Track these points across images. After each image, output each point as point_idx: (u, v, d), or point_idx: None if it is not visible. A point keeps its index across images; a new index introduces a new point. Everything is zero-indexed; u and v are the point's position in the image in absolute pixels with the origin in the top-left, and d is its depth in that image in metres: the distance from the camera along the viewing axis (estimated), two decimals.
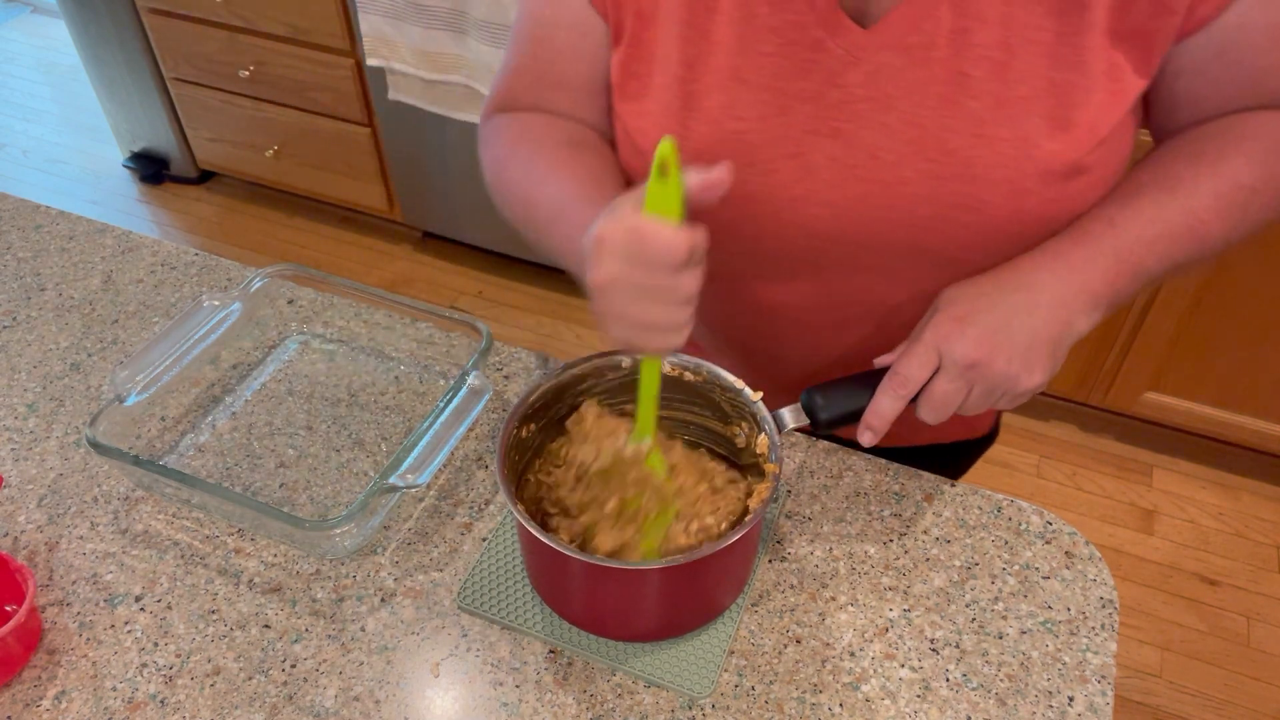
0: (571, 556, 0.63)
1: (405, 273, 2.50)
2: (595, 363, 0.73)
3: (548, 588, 0.71)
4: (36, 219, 1.09)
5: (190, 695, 0.67)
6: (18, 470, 0.81)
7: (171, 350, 0.82)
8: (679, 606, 0.69)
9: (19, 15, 3.68)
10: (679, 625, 0.70)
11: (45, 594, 0.72)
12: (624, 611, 0.69)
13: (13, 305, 0.97)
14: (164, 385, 0.82)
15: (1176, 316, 1.79)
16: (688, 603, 0.69)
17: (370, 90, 2.22)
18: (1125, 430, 2.08)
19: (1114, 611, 0.72)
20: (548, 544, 0.62)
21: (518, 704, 0.67)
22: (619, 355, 0.73)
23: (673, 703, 0.67)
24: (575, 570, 0.67)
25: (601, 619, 0.70)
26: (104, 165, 2.90)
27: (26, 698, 0.67)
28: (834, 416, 0.68)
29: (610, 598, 0.69)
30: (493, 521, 0.78)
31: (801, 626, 0.71)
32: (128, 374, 0.79)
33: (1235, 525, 1.92)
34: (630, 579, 0.67)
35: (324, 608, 0.72)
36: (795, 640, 0.70)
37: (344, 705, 0.66)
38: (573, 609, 0.70)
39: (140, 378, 0.80)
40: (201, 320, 0.85)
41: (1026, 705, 0.67)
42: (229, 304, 0.87)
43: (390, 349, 0.93)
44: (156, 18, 2.35)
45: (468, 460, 0.83)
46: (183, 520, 0.78)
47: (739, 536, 0.63)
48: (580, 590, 0.70)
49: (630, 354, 0.72)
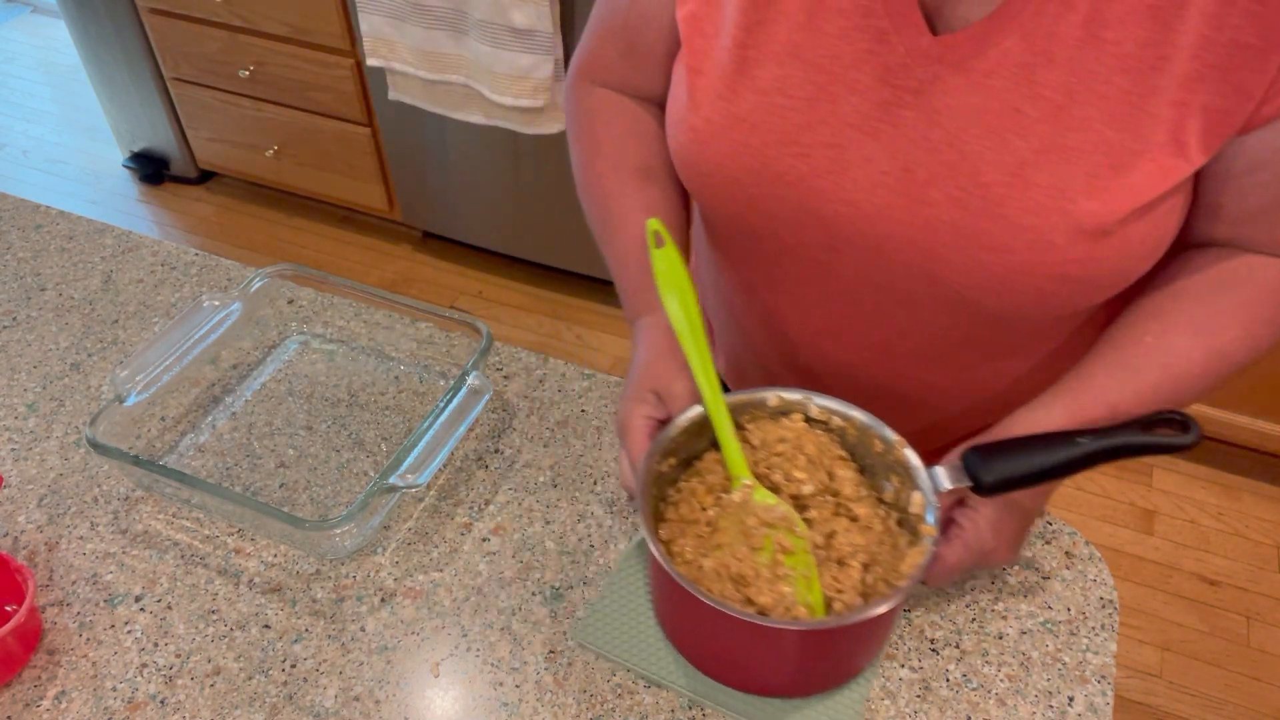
0: (735, 616, 0.59)
1: (405, 273, 2.50)
2: (740, 397, 0.70)
3: (686, 637, 0.68)
4: (36, 219, 1.09)
5: (190, 695, 0.67)
6: (18, 470, 0.81)
7: (171, 350, 0.82)
8: (827, 664, 0.66)
9: (19, 15, 3.68)
10: (818, 684, 0.67)
11: (45, 594, 0.72)
12: (772, 667, 0.66)
13: (13, 305, 0.97)
14: (164, 385, 0.82)
15: None
16: (834, 661, 0.66)
17: (370, 90, 2.22)
18: None
19: (1114, 611, 0.72)
20: (712, 605, 0.58)
21: (518, 704, 0.67)
22: (764, 391, 0.71)
23: (673, 703, 0.67)
24: (731, 628, 0.62)
25: (746, 674, 0.66)
26: (104, 165, 2.90)
27: (26, 698, 0.67)
28: (999, 481, 0.62)
29: (764, 654, 0.65)
30: (492, 522, 0.78)
31: None
32: (128, 374, 0.79)
33: (1235, 525, 1.92)
34: (792, 639, 0.62)
35: (324, 608, 0.72)
36: None
37: (344, 705, 0.66)
38: (714, 662, 0.67)
39: (140, 378, 0.80)
40: (201, 320, 0.85)
41: (1026, 705, 0.67)
42: (229, 304, 0.87)
43: (390, 349, 0.93)
44: (156, 18, 2.35)
45: (468, 460, 0.83)
46: (183, 520, 0.78)
47: (894, 602, 0.60)
48: (729, 646, 0.65)
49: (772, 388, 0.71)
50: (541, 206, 2.21)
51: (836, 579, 0.64)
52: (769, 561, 0.64)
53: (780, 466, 0.68)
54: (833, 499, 0.68)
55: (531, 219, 2.26)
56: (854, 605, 0.63)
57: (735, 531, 0.65)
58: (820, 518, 0.67)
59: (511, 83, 1.90)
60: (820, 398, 0.70)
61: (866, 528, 0.66)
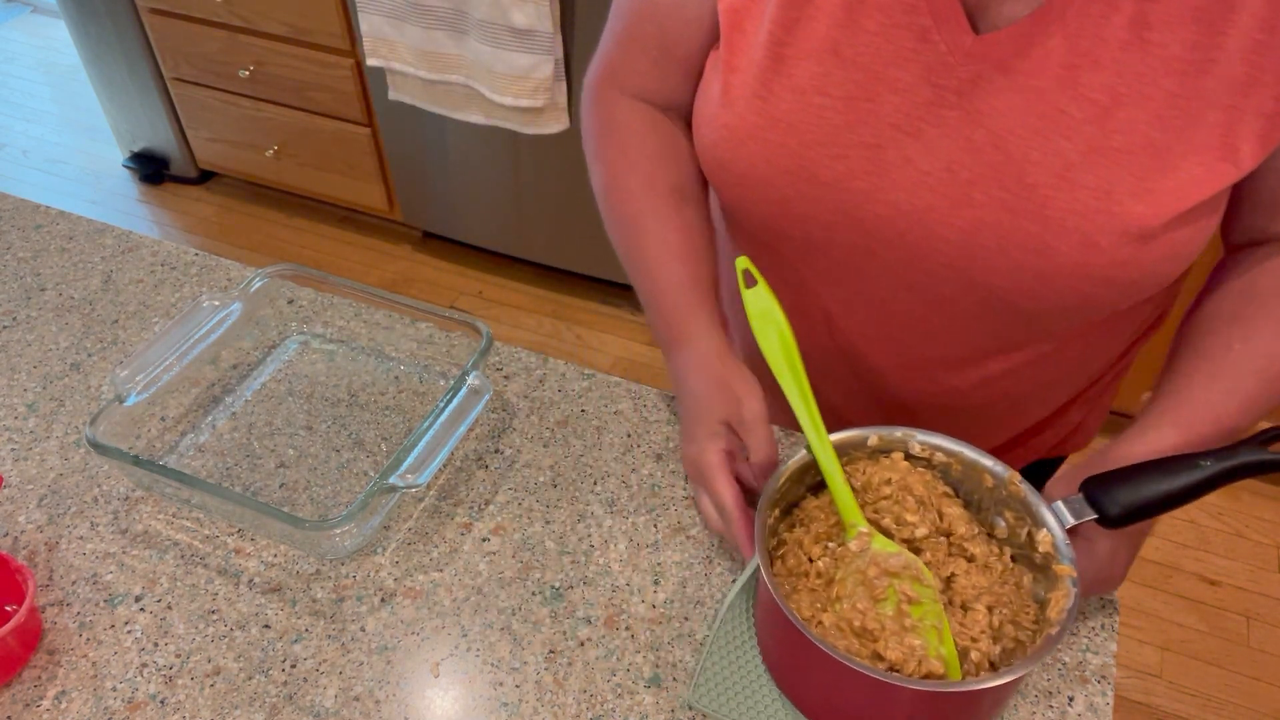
0: (886, 682, 0.56)
1: (405, 273, 2.50)
2: (839, 437, 0.68)
3: (814, 700, 0.63)
4: (36, 219, 1.09)
5: (190, 695, 0.67)
6: (18, 470, 0.81)
7: (171, 350, 0.82)
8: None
9: (19, 15, 3.68)
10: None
11: (45, 594, 0.72)
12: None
13: (13, 305, 0.97)
14: (164, 385, 0.82)
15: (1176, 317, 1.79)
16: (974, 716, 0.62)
17: (370, 90, 2.22)
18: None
19: (1114, 611, 0.72)
20: (856, 669, 0.55)
21: (518, 704, 0.67)
22: (862, 430, 0.68)
23: (672, 703, 0.67)
24: (879, 693, 0.58)
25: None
26: (104, 165, 2.90)
27: (26, 698, 0.67)
28: (1125, 512, 0.59)
29: (912, 714, 0.60)
30: (492, 522, 0.78)
31: None
32: (127, 374, 0.79)
33: (1235, 525, 1.92)
34: (952, 701, 0.58)
35: (324, 608, 0.72)
36: None
37: (344, 705, 0.66)
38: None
39: (140, 378, 0.80)
40: (201, 320, 0.85)
41: (1026, 705, 0.66)
42: (229, 304, 0.87)
43: (390, 349, 0.93)
44: (156, 18, 2.35)
45: (468, 460, 0.83)
46: (183, 520, 0.78)
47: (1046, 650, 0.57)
48: (867, 710, 0.61)
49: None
50: (541, 206, 2.21)
51: (964, 625, 0.61)
52: (894, 613, 0.60)
53: (889, 510, 0.65)
54: (945, 540, 0.65)
55: (531, 219, 2.26)
56: (992, 653, 0.61)
57: (854, 583, 0.62)
58: (935, 560, 0.64)
59: (511, 83, 1.90)
60: (921, 434, 0.68)
61: (986, 567, 0.64)
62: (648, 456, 0.83)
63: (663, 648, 0.70)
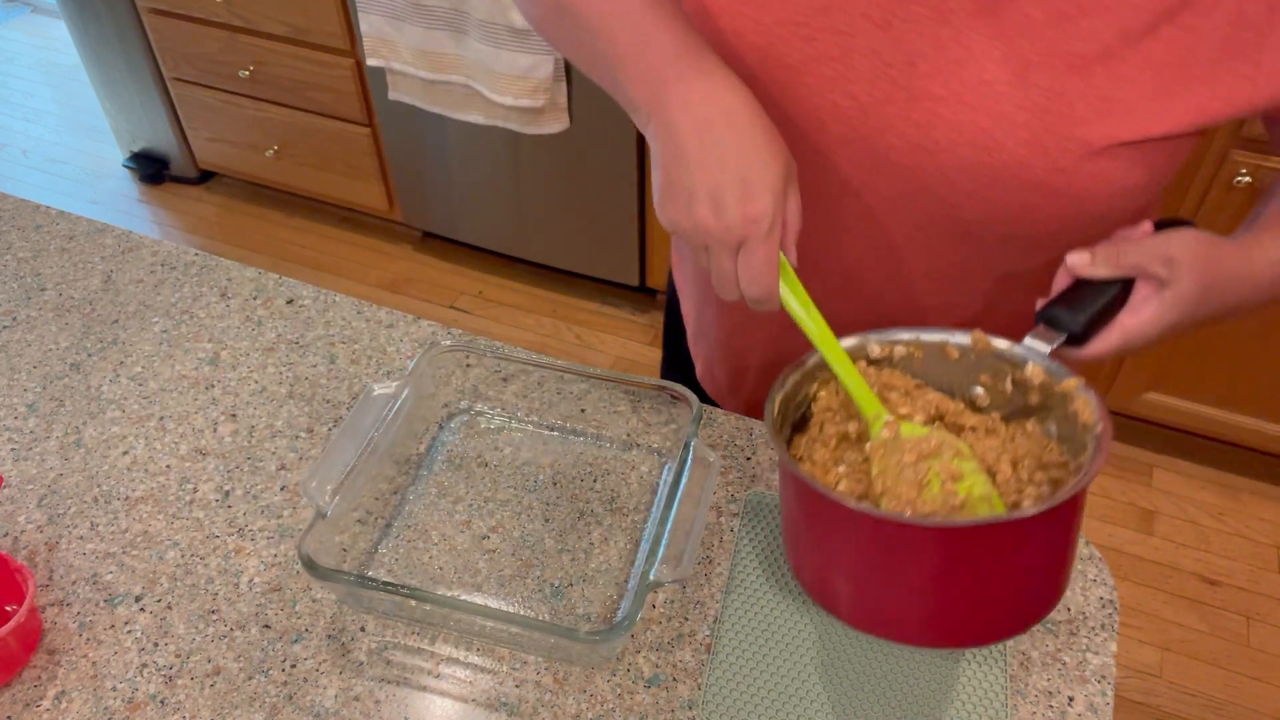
0: (907, 523, 0.52)
1: (405, 273, 2.50)
2: (806, 368, 0.66)
3: (845, 578, 0.59)
4: (36, 219, 1.09)
5: (190, 695, 0.67)
6: (18, 470, 0.81)
7: (352, 451, 0.74)
8: (1000, 588, 0.56)
9: (19, 15, 3.68)
10: (1009, 612, 0.57)
11: (45, 594, 0.72)
12: (971, 586, 0.56)
13: (13, 305, 0.97)
14: (356, 488, 0.74)
15: None
16: (1011, 585, 0.57)
17: (370, 90, 2.22)
18: (1125, 430, 2.08)
19: (1114, 611, 0.72)
20: (892, 519, 0.53)
21: (518, 704, 0.67)
22: (813, 354, 0.65)
23: (673, 703, 0.67)
24: (932, 541, 0.54)
25: (930, 607, 0.57)
26: (104, 165, 2.89)
27: (26, 698, 0.67)
28: (1088, 321, 0.60)
29: (965, 566, 0.55)
30: (492, 520, 0.78)
31: None
32: (317, 483, 0.71)
33: (1235, 525, 1.92)
34: (970, 537, 0.54)
35: (324, 607, 0.72)
36: None
37: (344, 705, 0.66)
38: (882, 602, 0.58)
39: (329, 486, 0.71)
40: (374, 410, 0.77)
41: (1026, 705, 0.66)
42: (402, 391, 0.79)
43: (562, 418, 0.86)
44: (156, 18, 2.35)
45: (467, 459, 0.83)
46: (182, 520, 0.78)
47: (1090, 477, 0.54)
48: (919, 571, 0.56)
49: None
50: (541, 206, 2.21)
51: (1000, 488, 0.60)
52: (940, 494, 0.58)
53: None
54: (940, 422, 0.64)
55: (531, 219, 2.26)
56: (1043, 496, 0.58)
57: (894, 476, 0.60)
58: None
59: (511, 83, 1.90)
60: (875, 334, 0.66)
61: (990, 431, 0.63)
62: (647, 455, 0.83)
63: (663, 648, 0.70)
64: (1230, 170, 1.59)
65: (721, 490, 0.80)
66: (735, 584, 0.73)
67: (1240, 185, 1.57)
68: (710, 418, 0.86)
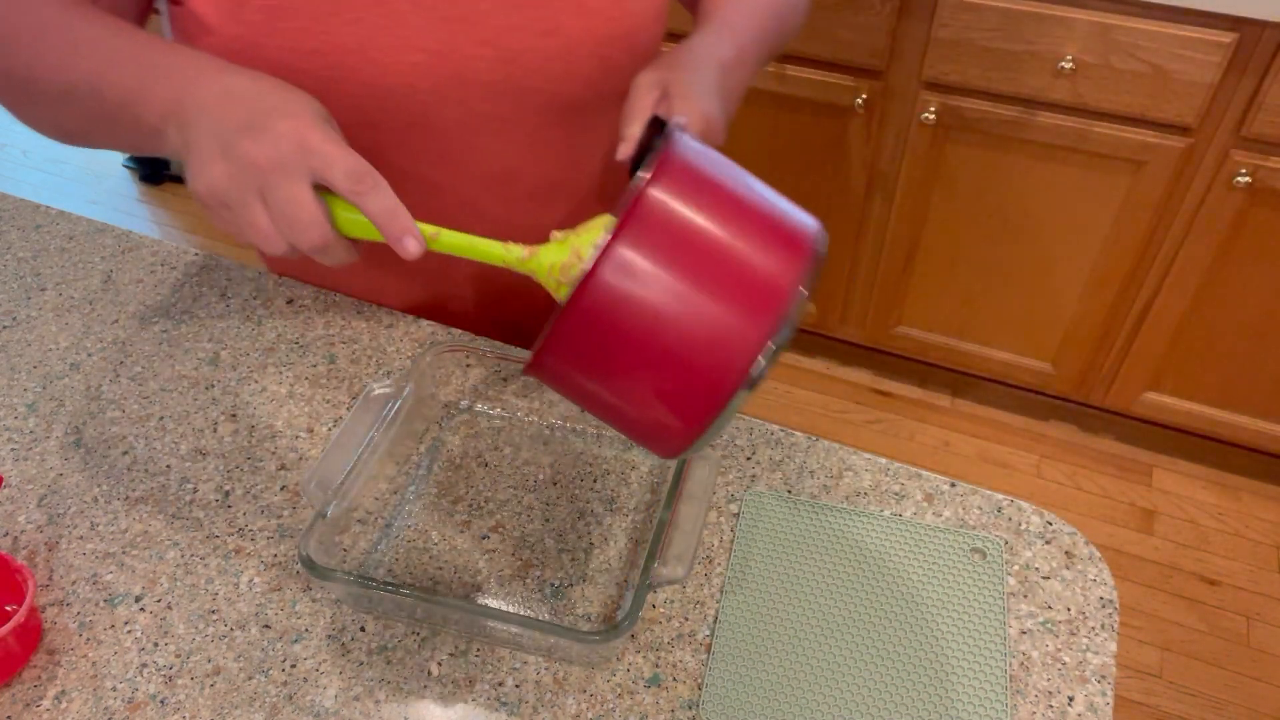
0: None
1: None
2: None
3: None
4: (36, 219, 1.09)
5: (190, 695, 0.67)
6: (18, 470, 0.81)
7: (353, 449, 0.74)
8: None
9: None
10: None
11: (45, 594, 0.73)
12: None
13: (13, 305, 0.97)
14: (356, 489, 0.75)
15: (1176, 316, 1.79)
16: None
17: None
18: (1125, 430, 2.08)
19: (1114, 611, 0.72)
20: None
21: (518, 704, 0.67)
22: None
23: (673, 703, 0.67)
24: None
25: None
26: (104, 165, 2.90)
27: (26, 698, 0.67)
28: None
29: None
30: (491, 520, 0.78)
31: None
32: (317, 484, 0.71)
33: (1235, 525, 1.92)
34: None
35: (323, 607, 0.72)
36: None
37: (344, 705, 0.66)
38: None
39: (330, 487, 0.71)
40: (375, 410, 0.77)
41: (1026, 705, 0.67)
42: (402, 389, 0.79)
43: (556, 417, 0.85)
44: (157, 18, 2.34)
45: (467, 458, 0.83)
46: (182, 520, 0.78)
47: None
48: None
49: None
50: None
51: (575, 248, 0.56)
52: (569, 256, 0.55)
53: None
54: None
55: None
56: None
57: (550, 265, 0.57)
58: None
59: None
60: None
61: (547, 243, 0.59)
62: (647, 454, 0.83)
63: (663, 648, 0.70)
64: (1230, 170, 1.59)
65: (721, 490, 0.80)
66: (735, 584, 0.73)
67: (1240, 185, 1.57)
68: None
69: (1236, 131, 1.56)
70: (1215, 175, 1.61)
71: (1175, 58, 1.51)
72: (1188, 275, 1.73)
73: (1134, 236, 1.73)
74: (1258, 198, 1.60)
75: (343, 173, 0.53)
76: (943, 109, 1.70)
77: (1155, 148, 1.61)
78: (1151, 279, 1.78)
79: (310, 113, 0.55)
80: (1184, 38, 1.49)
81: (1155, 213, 1.69)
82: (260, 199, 0.53)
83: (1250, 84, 1.51)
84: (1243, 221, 1.63)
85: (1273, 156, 1.55)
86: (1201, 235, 1.67)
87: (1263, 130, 1.52)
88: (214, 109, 0.55)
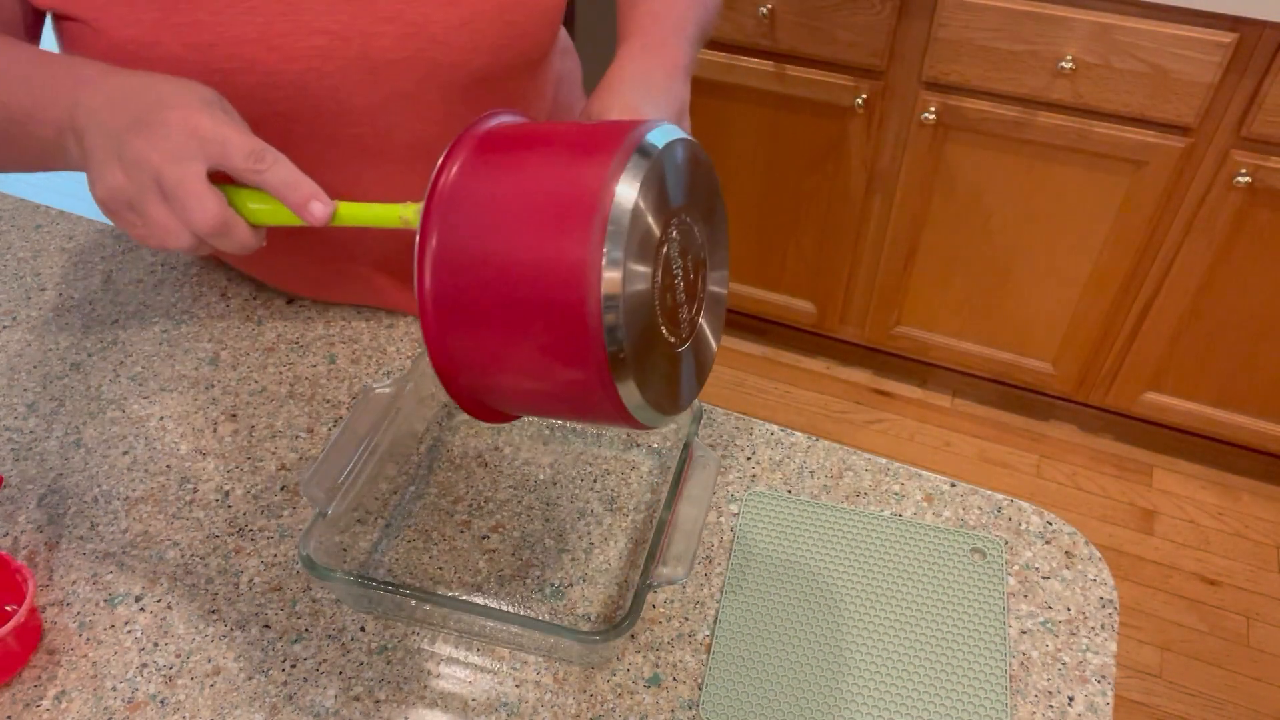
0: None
1: None
2: None
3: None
4: (36, 219, 1.09)
5: (190, 695, 0.67)
6: (18, 470, 0.81)
7: (354, 449, 0.74)
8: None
9: None
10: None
11: (45, 594, 0.73)
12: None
13: (13, 305, 0.97)
14: (356, 489, 0.74)
15: (1176, 316, 1.79)
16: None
17: None
18: (1125, 430, 2.08)
19: (1114, 611, 0.72)
20: None
21: (518, 704, 0.67)
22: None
23: (673, 703, 0.67)
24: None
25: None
26: None
27: (26, 698, 0.67)
28: None
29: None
30: (491, 520, 0.78)
31: None
32: (317, 484, 0.71)
33: (1235, 525, 1.92)
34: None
35: (324, 607, 0.72)
36: None
37: (344, 705, 0.66)
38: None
39: (330, 485, 0.71)
40: (374, 409, 0.77)
41: (1026, 705, 0.67)
42: (403, 387, 0.79)
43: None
44: None
45: (467, 458, 0.83)
46: (182, 520, 0.78)
47: None
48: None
49: None
50: None
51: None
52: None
53: None
54: None
55: None
56: None
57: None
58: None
59: None
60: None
61: None
62: (648, 454, 0.83)
63: (663, 648, 0.70)
64: (1230, 170, 1.59)
65: (721, 490, 0.80)
66: (735, 584, 0.73)
67: (1240, 185, 1.57)
68: (710, 417, 0.86)
69: (1236, 131, 1.56)
70: (1215, 175, 1.61)
71: (1175, 58, 1.51)
72: (1187, 275, 1.73)
73: (1134, 236, 1.73)
74: (1258, 198, 1.60)
75: (240, 153, 0.52)
76: (943, 109, 1.71)
77: (1155, 148, 1.61)
78: (1151, 279, 1.78)
79: (198, 100, 0.54)
80: (1184, 38, 1.49)
81: (1155, 213, 1.69)
82: (158, 193, 0.52)
83: (1250, 84, 1.51)
84: (1242, 221, 1.64)
85: (1273, 156, 1.55)
86: (1201, 235, 1.67)
87: (1263, 130, 1.52)
88: (103, 113, 0.55)
